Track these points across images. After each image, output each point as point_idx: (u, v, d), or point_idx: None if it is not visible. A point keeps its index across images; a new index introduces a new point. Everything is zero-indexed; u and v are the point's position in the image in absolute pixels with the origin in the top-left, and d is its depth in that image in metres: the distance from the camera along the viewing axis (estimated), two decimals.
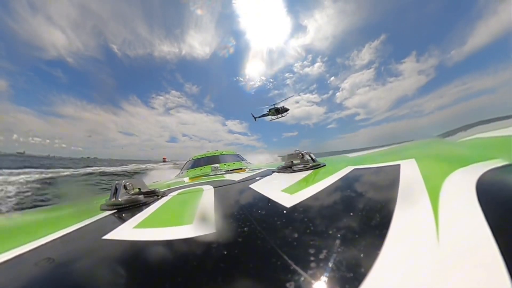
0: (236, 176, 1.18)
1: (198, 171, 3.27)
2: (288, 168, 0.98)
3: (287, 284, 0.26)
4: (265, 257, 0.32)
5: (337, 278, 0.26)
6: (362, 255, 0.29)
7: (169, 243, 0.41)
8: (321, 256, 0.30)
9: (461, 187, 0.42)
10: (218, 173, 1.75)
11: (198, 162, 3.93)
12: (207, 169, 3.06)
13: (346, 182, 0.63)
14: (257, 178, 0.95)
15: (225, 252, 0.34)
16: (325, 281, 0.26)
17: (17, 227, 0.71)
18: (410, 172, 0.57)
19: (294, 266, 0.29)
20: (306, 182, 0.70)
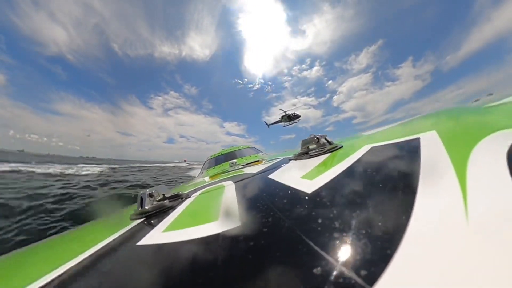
0: (254, 169, 1.19)
1: (217, 169, 3.33)
2: (304, 154, 0.96)
3: (314, 270, 0.26)
4: (291, 245, 0.32)
5: (364, 260, 0.26)
6: (387, 236, 0.28)
7: (197, 241, 0.43)
8: (347, 239, 0.30)
9: (490, 158, 0.38)
10: (236, 168, 1.78)
11: (216, 161, 4.01)
12: (226, 165, 3.11)
13: (365, 162, 0.62)
14: (275, 168, 0.95)
15: (252, 243, 0.35)
16: (352, 264, 0.26)
17: (60, 246, 0.78)
18: (431, 145, 0.53)
19: (320, 251, 0.29)
20: (324, 166, 0.69)
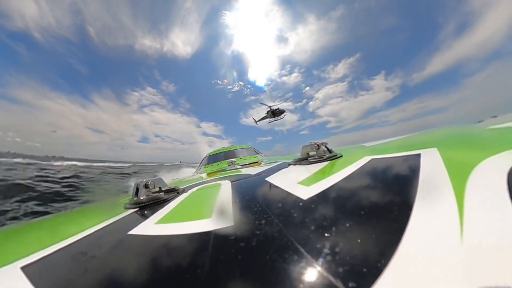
0: (253, 170, 1.18)
1: (215, 166, 3.33)
2: (304, 160, 0.96)
3: (303, 277, 0.26)
4: (282, 249, 0.32)
5: (352, 272, 0.26)
6: (378, 250, 0.28)
7: (189, 236, 0.43)
8: (337, 249, 0.30)
9: (490, 179, 0.38)
10: (234, 167, 1.77)
11: (214, 158, 4.00)
12: (224, 164, 3.10)
13: (364, 173, 0.62)
14: (274, 171, 0.95)
15: (243, 244, 0.35)
16: (340, 274, 0.26)
17: (53, 227, 0.78)
18: (431, 162, 0.53)
19: (310, 258, 0.29)
20: (322, 174, 0.69)
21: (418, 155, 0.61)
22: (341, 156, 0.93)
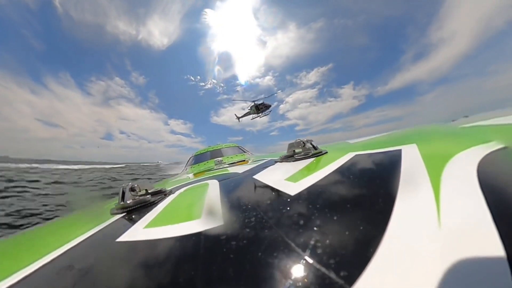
0: (240, 168, 1.19)
1: (202, 166, 3.28)
2: (290, 157, 0.98)
3: (297, 270, 0.27)
4: (273, 245, 0.33)
5: (343, 262, 0.27)
6: (365, 240, 0.30)
7: (179, 239, 0.42)
8: (327, 241, 0.31)
9: (463, 171, 0.42)
10: (221, 166, 1.76)
11: (200, 157, 3.95)
12: (211, 163, 3.07)
13: (348, 168, 0.64)
14: (261, 168, 0.96)
15: (234, 243, 0.36)
16: (331, 265, 0.27)
17: (32, 241, 0.73)
18: (411, 157, 0.56)
19: (301, 252, 0.30)
20: (308, 170, 0.71)
21: (400, 151, 0.64)
22: (326, 152, 0.95)
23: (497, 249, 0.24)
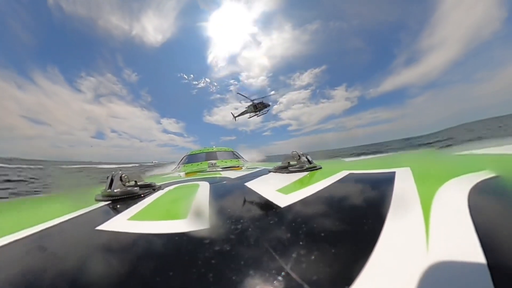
0: (233, 174, 1.18)
1: (195, 166, 3.26)
2: (284, 168, 0.99)
3: (277, 283, 0.26)
4: (256, 255, 0.32)
5: (326, 280, 0.26)
6: (352, 259, 0.29)
7: (162, 237, 0.41)
8: (312, 257, 0.30)
9: (454, 197, 0.42)
10: (215, 169, 1.75)
11: (195, 158, 3.92)
12: (204, 165, 3.05)
13: (341, 186, 0.64)
14: (253, 176, 0.95)
15: (217, 248, 0.35)
16: (314, 281, 0.26)
17: (11, 214, 0.71)
18: (404, 180, 0.57)
19: (284, 265, 0.29)
20: (301, 184, 0.71)
21: (393, 173, 0.65)
22: (321, 168, 0.96)
23: (484, 279, 0.24)
